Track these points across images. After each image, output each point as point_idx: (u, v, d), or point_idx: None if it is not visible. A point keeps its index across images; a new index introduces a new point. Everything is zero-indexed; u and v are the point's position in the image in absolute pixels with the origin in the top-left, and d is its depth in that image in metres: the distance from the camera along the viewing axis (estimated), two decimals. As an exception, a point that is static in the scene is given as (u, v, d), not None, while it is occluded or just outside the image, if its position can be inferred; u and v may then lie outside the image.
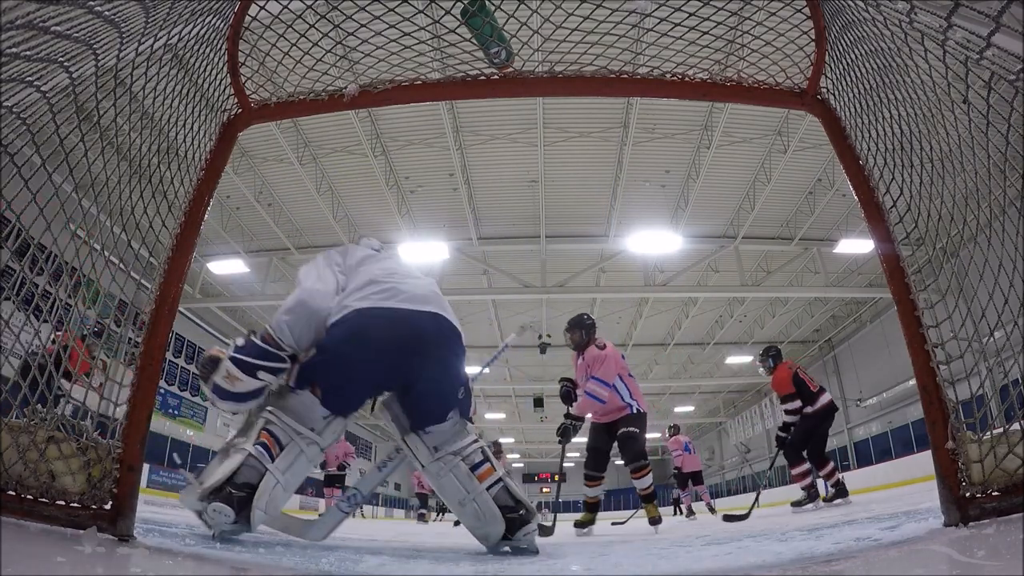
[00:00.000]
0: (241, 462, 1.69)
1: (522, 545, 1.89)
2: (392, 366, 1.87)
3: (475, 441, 1.97)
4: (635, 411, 4.35)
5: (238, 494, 1.63)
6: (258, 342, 1.83)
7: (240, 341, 1.85)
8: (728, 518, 4.95)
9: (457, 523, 4.36)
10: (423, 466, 1.94)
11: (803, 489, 5.86)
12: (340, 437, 1.99)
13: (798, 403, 5.63)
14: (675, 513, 12.42)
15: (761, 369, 6.20)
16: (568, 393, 4.52)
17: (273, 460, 1.72)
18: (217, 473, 1.68)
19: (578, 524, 4.36)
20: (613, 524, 5.34)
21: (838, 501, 5.53)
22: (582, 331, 4.61)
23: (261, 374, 1.79)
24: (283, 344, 1.82)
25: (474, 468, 1.91)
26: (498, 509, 1.87)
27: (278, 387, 1.89)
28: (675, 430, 10.92)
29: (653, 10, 1.97)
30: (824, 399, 5.69)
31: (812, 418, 5.62)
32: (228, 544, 1.64)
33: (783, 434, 5.80)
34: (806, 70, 2.00)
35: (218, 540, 1.64)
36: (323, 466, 10.83)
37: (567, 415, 4.35)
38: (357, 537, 2.82)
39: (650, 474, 4.30)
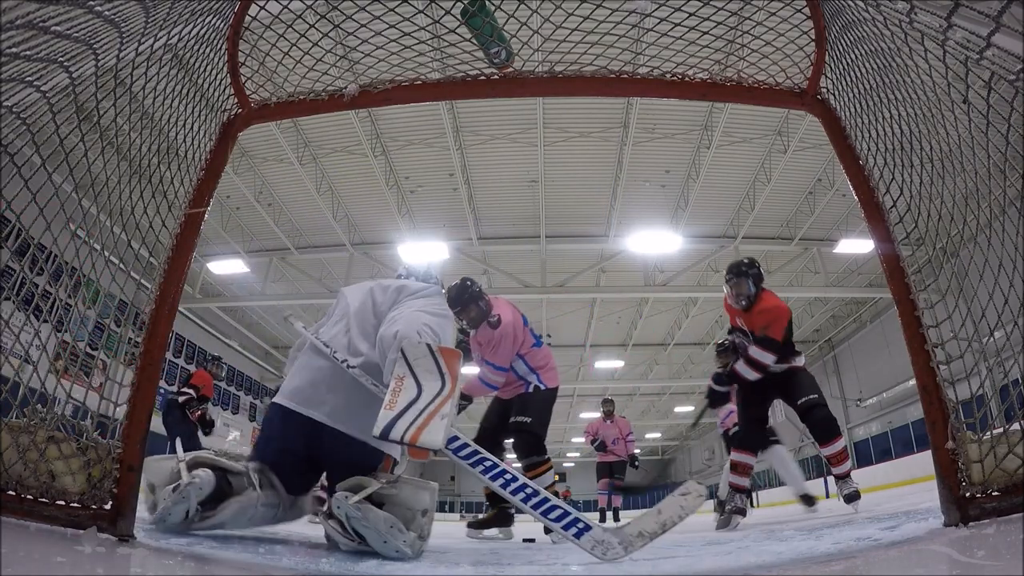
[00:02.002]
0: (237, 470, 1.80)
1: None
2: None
3: None
4: (531, 388, 3.46)
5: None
6: None
7: None
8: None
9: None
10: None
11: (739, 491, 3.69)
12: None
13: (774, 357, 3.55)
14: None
15: (737, 295, 3.62)
16: None
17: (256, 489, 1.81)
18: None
19: (472, 525, 3.59)
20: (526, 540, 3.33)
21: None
22: (475, 304, 3.60)
23: None
24: None
25: None
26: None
27: None
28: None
29: (653, 10, 1.97)
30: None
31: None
32: (228, 544, 1.64)
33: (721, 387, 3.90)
34: (806, 70, 2.00)
35: (218, 541, 1.64)
36: None
37: None
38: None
39: (549, 473, 3.30)
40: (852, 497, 3.55)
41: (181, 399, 6.70)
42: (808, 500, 4.90)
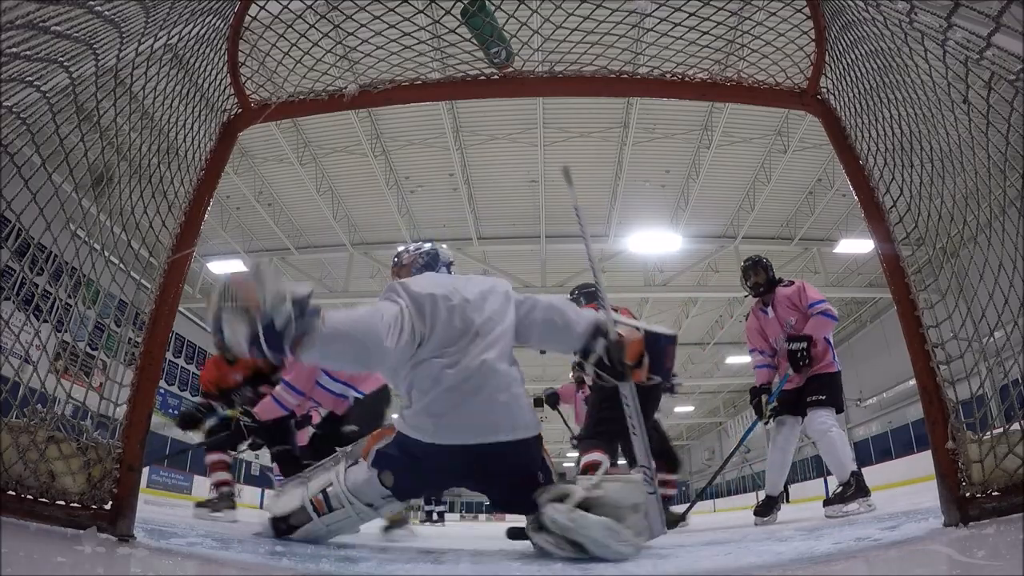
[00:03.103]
0: (295, 508, 1.93)
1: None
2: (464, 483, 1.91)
3: None
4: (353, 400, 3.72)
5: (283, 527, 1.95)
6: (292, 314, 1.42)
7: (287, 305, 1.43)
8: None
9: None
10: None
11: None
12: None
13: None
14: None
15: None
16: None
17: (320, 516, 1.90)
18: (279, 507, 1.99)
19: None
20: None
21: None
22: None
23: (253, 349, 1.41)
24: (298, 337, 1.45)
25: None
26: None
27: (352, 454, 1.95)
28: None
29: (653, 10, 1.97)
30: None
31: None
32: (228, 544, 1.64)
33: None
34: (806, 70, 2.00)
35: (218, 540, 1.65)
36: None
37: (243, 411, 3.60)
38: (357, 536, 2.81)
39: None
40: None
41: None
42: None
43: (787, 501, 4.02)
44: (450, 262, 2.51)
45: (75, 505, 1.37)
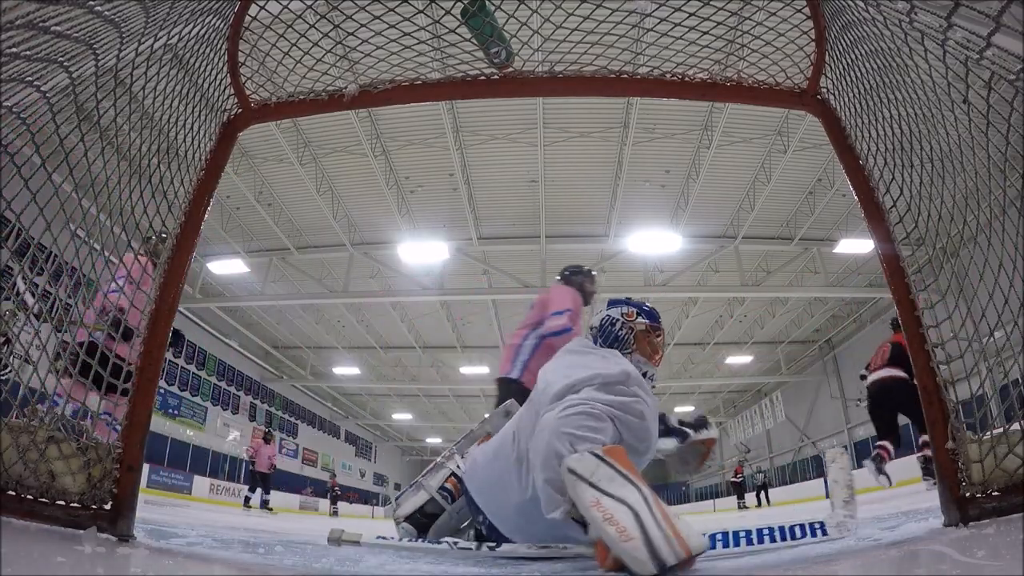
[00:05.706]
0: (427, 499, 2.09)
1: None
2: None
3: None
4: None
5: (423, 520, 2.10)
6: None
7: None
8: None
9: None
10: None
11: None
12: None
13: None
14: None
15: None
16: None
17: (453, 501, 2.04)
18: (409, 505, 2.13)
19: None
20: None
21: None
22: None
23: None
24: None
25: None
26: None
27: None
28: None
29: (653, 10, 1.96)
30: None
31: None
32: (228, 544, 1.64)
33: None
34: (806, 70, 2.00)
35: (218, 541, 1.64)
36: (252, 464, 10.96)
37: None
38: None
39: None
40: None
41: None
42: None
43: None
44: None
45: (75, 505, 1.37)
